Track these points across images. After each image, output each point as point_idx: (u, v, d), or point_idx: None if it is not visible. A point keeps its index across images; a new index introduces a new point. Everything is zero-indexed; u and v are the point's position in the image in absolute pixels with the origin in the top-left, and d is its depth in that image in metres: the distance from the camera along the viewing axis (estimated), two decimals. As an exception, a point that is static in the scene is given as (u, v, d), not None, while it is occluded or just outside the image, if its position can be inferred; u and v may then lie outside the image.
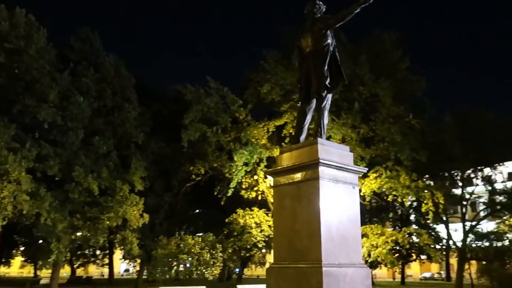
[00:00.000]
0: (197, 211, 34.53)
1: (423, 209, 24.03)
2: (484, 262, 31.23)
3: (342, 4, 8.40)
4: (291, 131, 25.64)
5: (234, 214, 26.19)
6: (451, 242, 32.45)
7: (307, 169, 7.35)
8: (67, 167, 21.37)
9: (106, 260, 49.00)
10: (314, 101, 8.25)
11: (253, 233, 24.43)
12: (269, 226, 25.18)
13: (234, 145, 25.52)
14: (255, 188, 26.58)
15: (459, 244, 31.51)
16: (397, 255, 27.78)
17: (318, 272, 6.74)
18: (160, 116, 28.02)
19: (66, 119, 21.64)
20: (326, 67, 8.05)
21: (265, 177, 25.97)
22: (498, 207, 31.56)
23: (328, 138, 25.14)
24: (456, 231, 32.96)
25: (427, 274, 61.08)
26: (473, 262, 33.80)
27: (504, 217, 32.15)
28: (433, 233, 31.05)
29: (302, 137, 8.20)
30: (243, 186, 26.13)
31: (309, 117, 8.29)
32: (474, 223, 31.70)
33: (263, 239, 24.74)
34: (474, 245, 31.66)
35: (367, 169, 7.97)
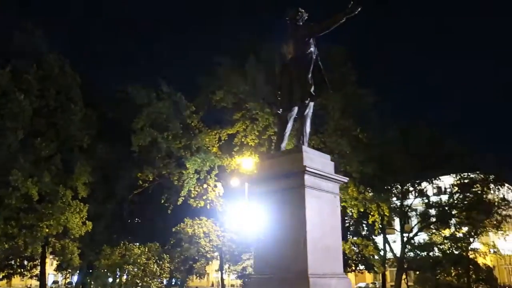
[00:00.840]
0: (142, 219, 33.24)
1: (370, 221, 24.74)
2: (417, 272, 32.79)
3: (328, 10, 8.43)
4: (243, 140, 25.61)
5: (181, 223, 25.49)
6: (390, 253, 33.71)
7: (292, 177, 7.20)
8: (3, 170, 19.72)
9: (35, 271, 45.71)
10: (296, 108, 8.16)
11: (201, 243, 23.87)
12: (218, 236, 24.83)
13: (185, 152, 24.96)
14: (204, 197, 26.14)
15: (398, 254, 32.82)
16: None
17: (305, 283, 6.57)
18: (106, 119, 26.76)
19: (4, 118, 20.04)
20: (310, 75, 8.00)
21: (216, 186, 25.75)
22: (433, 219, 33.34)
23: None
24: (395, 242, 34.34)
25: (362, 284, 62.94)
26: (410, 272, 35.30)
27: (434, 229, 34.02)
28: (372, 244, 32.04)
29: (283, 145, 8.07)
30: (192, 195, 25.57)
31: (290, 125, 8.18)
32: (411, 234, 33.20)
33: (211, 249, 24.28)
34: (411, 256, 33.11)
35: (348, 179, 7.93)
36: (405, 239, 32.87)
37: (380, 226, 27.20)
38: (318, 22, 8.25)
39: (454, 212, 33.50)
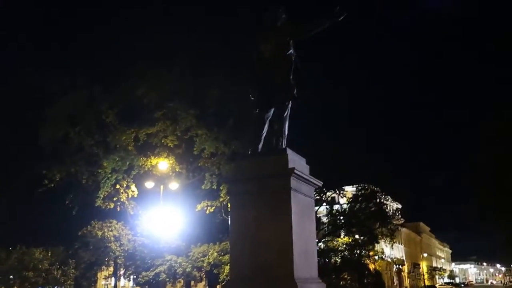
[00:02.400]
0: (45, 220, 30.03)
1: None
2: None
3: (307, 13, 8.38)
4: (163, 141, 24.59)
5: (88, 226, 23.61)
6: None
7: (277, 178, 7.01)
8: None
9: None
10: (273, 110, 7.99)
11: (112, 247, 22.34)
12: (129, 240, 23.49)
13: (98, 150, 23.20)
14: (115, 198, 24.55)
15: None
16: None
17: (291, 288, 6.38)
18: (6, 108, 23.84)
19: None
20: (291, 76, 7.89)
21: (128, 187, 24.31)
22: (331, 227, 35.36)
23: (203, 150, 24.98)
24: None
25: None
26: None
27: (335, 236, 36.11)
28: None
29: (260, 145, 7.84)
30: (101, 196, 23.81)
31: (267, 126, 7.98)
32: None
33: (122, 253, 22.84)
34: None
35: (322, 182, 7.95)
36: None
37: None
38: (299, 24, 8.19)
39: (354, 220, 35.85)
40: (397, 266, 72.89)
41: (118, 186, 24.33)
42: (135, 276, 25.32)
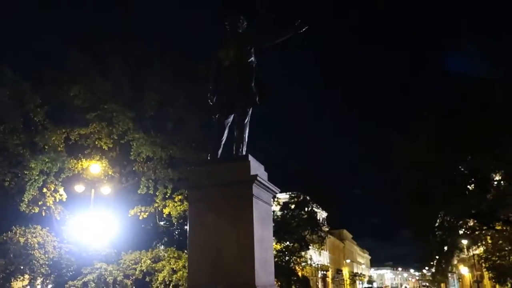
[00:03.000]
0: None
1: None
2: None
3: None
4: (97, 143, 23.56)
5: (9, 231, 21.85)
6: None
7: (240, 185, 6.99)
8: None
9: None
10: (233, 116, 8.00)
11: (35, 255, 20.86)
12: (54, 247, 22.10)
13: (24, 150, 21.71)
14: (40, 202, 23.08)
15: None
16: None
17: (253, 296, 6.39)
18: None
19: None
20: (253, 84, 7.95)
21: (56, 191, 22.91)
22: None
23: (139, 154, 24.25)
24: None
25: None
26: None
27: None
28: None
29: (219, 151, 7.79)
30: (26, 199, 22.25)
31: (226, 132, 7.96)
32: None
33: (46, 261, 21.39)
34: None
35: (279, 190, 8.04)
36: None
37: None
38: (260, 32, 8.28)
39: (286, 227, 36.57)
40: (323, 272, 75.27)
41: (45, 190, 22.90)
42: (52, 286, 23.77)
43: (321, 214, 44.91)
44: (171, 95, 25.90)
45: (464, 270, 59.14)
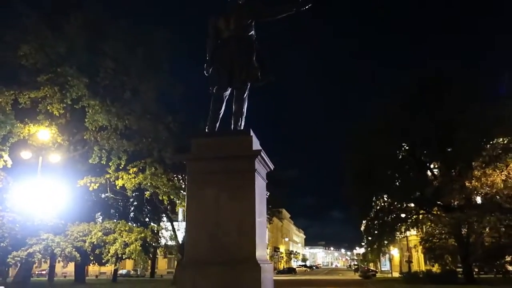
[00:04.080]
0: None
1: (177, 208, 24.86)
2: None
3: None
4: (48, 108, 22.19)
5: None
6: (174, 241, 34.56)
7: (242, 160, 6.92)
8: None
9: None
10: (231, 90, 7.86)
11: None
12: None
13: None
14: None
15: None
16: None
17: (255, 270, 6.43)
18: None
19: None
20: (254, 58, 7.83)
21: (1, 156, 21.41)
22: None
23: (93, 122, 23.17)
24: (179, 230, 35.40)
25: (123, 271, 62.26)
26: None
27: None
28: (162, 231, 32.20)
29: (217, 125, 7.66)
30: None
31: (224, 105, 7.82)
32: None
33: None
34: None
35: (274, 166, 8.08)
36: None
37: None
38: (263, 6, 8.11)
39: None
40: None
41: (-13, 156, 21.37)
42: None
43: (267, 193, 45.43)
44: (127, 63, 24.95)
45: (394, 251, 63.13)
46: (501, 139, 21.51)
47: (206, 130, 7.62)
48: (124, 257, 22.09)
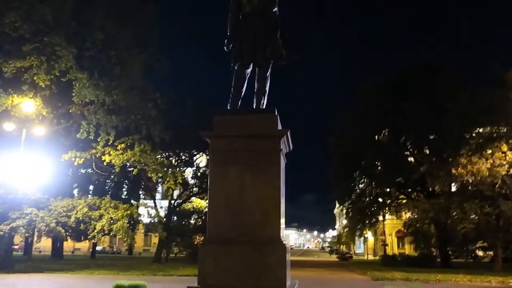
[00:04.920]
0: None
1: (165, 186, 24.60)
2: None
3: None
4: (35, 79, 21.34)
5: None
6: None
7: (268, 139, 6.80)
8: None
9: None
10: (253, 67, 7.67)
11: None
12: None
13: None
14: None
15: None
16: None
17: (280, 249, 6.40)
18: None
19: None
20: (279, 35, 7.64)
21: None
22: (195, 189, 35.71)
23: (80, 96, 22.46)
24: (162, 208, 35.27)
25: (99, 248, 61.77)
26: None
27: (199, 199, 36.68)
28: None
29: (239, 102, 7.50)
30: None
31: (246, 82, 7.65)
32: (180, 201, 34.80)
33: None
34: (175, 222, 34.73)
35: (292, 146, 7.98)
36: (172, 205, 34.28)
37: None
38: None
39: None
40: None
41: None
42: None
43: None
44: (115, 36, 24.25)
45: (369, 235, 64.62)
46: (488, 128, 22.00)
47: (228, 108, 7.45)
48: (111, 234, 21.80)
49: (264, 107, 7.47)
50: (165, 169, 23.56)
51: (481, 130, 22.64)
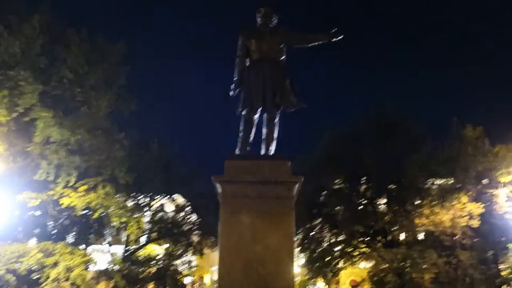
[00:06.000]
0: None
1: (128, 231, 23.46)
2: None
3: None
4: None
5: None
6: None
7: (282, 186, 6.73)
8: None
9: None
10: (261, 112, 7.71)
11: None
12: None
13: None
14: None
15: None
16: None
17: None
18: None
19: None
20: (288, 83, 7.76)
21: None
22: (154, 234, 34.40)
23: (43, 135, 21.39)
24: (115, 255, 33.33)
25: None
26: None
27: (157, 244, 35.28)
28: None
29: (248, 148, 7.43)
30: None
31: (254, 128, 7.64)
32: (135, 247, 33.12)
33: None
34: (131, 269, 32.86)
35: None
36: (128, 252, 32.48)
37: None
38: (296, 31, 8.12)
39: (175, 230, 35.68)
40: (191, 278, 74.70)
41: None
42: None
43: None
44: (83, 75, 23.71)
45: (321, 284, 64.13)
46: (448, 180, 22.96)
47: (237, 152, 7.34)
48: (68, 283, 20.29)
49: (272, 153, 7.43)
50: (129, 213, 22.59)
51: (442, 181, 23.61)
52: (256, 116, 7.63)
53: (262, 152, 7.41)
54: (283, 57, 7.92)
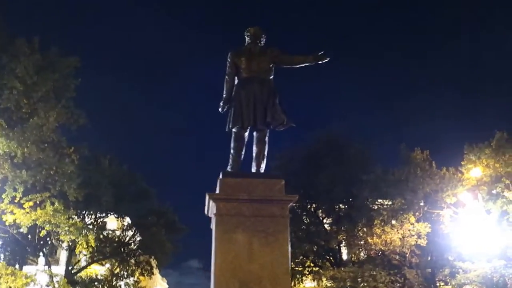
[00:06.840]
0: None
1: (77, 250, 22.18)
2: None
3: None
4: None
5: None
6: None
7: (276, 204, 6.74)
8: None
9: None
10: (250, 130, 7.74)
11: None
12: None
13: None
14: None
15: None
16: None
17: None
18: None
19: None
20: (277, 102, 7.86)
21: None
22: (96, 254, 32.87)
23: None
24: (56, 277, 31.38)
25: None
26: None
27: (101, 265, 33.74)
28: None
29: (239, 167, 7.41)
30: None
31: (244, 145, 7.64)
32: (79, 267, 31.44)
33: None
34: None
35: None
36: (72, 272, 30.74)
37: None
38: (285, 52, 8.27)
39: (122, 249, 34.37)
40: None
41: None
42: None
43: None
44: (31, 87, 22.63)
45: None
46: (398, 200, 23.92)
47: (229, 170, 7.27)
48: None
49: (263, 171, 7.44)
50: (79, 231, 21.48)
51: (391, 202, 24.60)
52: (246, 134, 7.64)
53: (253, 170, 7.41)
54: (271, 76, 8.03)
